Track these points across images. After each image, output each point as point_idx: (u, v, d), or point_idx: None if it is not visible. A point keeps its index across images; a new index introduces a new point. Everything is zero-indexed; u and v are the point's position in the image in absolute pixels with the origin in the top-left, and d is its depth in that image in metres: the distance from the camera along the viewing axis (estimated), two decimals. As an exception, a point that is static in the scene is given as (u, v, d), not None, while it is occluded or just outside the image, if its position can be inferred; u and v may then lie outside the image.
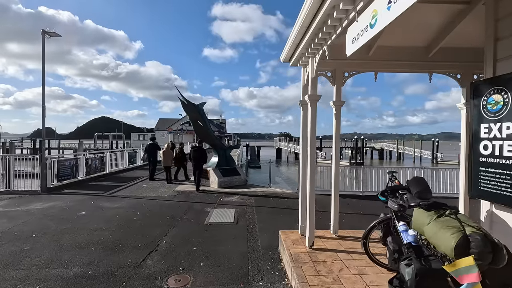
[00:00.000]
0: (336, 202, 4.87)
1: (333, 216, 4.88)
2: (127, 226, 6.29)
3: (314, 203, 4.24)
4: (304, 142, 4.70)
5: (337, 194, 4.89)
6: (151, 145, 13.70)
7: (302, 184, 4.84)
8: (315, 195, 4.25)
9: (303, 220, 4.84)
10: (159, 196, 9.71)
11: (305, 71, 4.64)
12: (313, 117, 4.08)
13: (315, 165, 4.14)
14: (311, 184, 4.16)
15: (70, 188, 10.97)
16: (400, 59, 4.66)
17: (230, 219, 7.03)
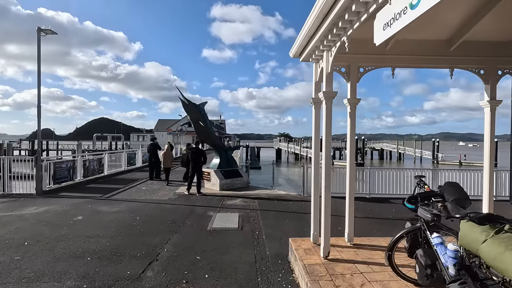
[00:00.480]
0: (351, 207, 4.53)
1: (348, 222, 4.54)
2: (126, 233, 5.93)
3: (329, 209, 3.90)
4: (316, 142, 4.37)
5: (352, 199, 4.55)
6: (152, 145, 13.82)
7: (315, 187, 4.50)
8: (330, 200, 3.90)
9: (316, 227, 4.50)
10: (159, 199, 9.35)
11: (317, 66, 4.30)
12: (329, 116, 3.74)
13: (330, 168, 3.79)
14: (327, 188, 3.81)
15: (67, 191, 10.60)
16: (420, 53, 4.33)
17: (234, 224, 6.67)
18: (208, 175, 11.50)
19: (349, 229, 4.51)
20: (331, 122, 3.77)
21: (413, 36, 4.25)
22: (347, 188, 4.56)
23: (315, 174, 4.46)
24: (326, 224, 3.85)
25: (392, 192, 10.27)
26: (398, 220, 7.30)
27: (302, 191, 10.46)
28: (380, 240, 4.58)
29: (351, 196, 4.55)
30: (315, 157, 4.42)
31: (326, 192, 3.83)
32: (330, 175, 3.80)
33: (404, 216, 7.94)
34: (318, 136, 4.36)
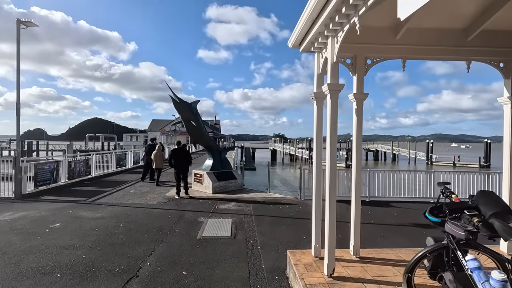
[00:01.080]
0: (357, 214, 4.05)
1: (354, 232, 4.05)
2: (106, 243, 5.35)
3: (335, 218, 3.39)
4: (319, 141, 3.87)
5: (359, 204, 4.06)
6: (151, 146, 13.29)
7: (317, 193, 3.99)
8: (336, 208, 3.40)
9: (318, 239, 4.00)
10: (146, 204, 8.76)
11: (320, 56, 3.81)
12: (334, 112, 3.24)
13: (336, 171, 3.30)
14: (332, 194, 3.31)
15: (49, 194, 9.94)
16: (434, 43, 3.87)
17: (227, 231, 6.14)
18: (200, 177, 10.94)
19: (355, 240, 4.02)
20: (337, 119, 3.27)
21: (426, 24, 3.79)
22: (353, 193, 4.07)
23: (316, 177, 3.96)
24: (331, 237, 3.35)
25: (392, 195, 9.85)
26: (402, 226, 6.85)
27: (299, 194, 9.97)
28: (389, 252, 4.09)
29: (357, 201, 4.06)
30: (317, 158, 3.93)
31: (331, 198, 3.33)
32: (335, 179, 3.30)
33: (407, 221, 7.53)
34: (320, 135, 3.87)
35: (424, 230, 6.58)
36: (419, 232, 6.40)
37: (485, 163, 45.26)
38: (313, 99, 3.89)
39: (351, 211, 4.12)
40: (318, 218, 4.02)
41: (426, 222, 7.32)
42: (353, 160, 4.05)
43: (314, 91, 3.84)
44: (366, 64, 3.90)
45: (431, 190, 9.82)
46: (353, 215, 4.07)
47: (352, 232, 4.07)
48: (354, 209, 4.05)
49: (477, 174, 10.24)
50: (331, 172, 3.27)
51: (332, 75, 3.19)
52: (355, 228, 4.03)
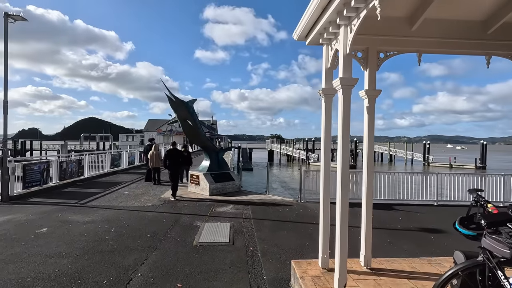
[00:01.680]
0: (369, 221, 3.72)
1: (365, 240, 3.72)
2: (95, 250, 4.97)
3: (347, 226, 3.06)
4: (327, 141, 3.54)
5: (370, 210, 3.73)
6: (150, 146, 13.27)
7: (324, 197, 3.66)
8: (348, 215, 3.07)
9: (326, 249, 3.66)
10: (141, 206, 8.38)
11: (329, 49, 3.48)
12: (347, 109, 2.91)
13: (348, 175, 2.97)
14: (344, 199, 2.98)
15: (38, 196, 9.52)
16: (451, 36, 3.56)
17: (225, 237, 5.79)
18: (197, 178, 10.57)
19: (366, 249, 3.69)
20: (350, 117, 2.94)
21: (444, 14, 3.49)
22: (364, 196, 3.74)
23: (325, 179, 3.62)
24: (342, 247, 3.01)
25: (395, 197, 9.57)
26: (408, 231, 6.55)
27: (299, 196, 9.65)
28: (401, 263, 3.77)
29: (368, 206, 3.72)
30: (325, 159, 3.60)
31: (343, 203, 2.99)
32: (348, 182, 2.97)
33: (413, 225, 7.17)
34: (329, 134, 3.54)
35: (432, 235, 6.29)
36: (427, 238, 6.11)
37: (481, 164, 45.40)
38: (321, 96, 3.56)
39: (362, 217, 3.79)
40: (326, 225, 3.69)
41: (432, 227, 7.03)
42: (364, 162, 3.72)
43: (322, 87, 3.51)
44: (379, 58, 3.59)
45: (434, 192, 9.55)
46: (364, 221, 3.74)
47: (363, 240, 3.74)
48: (365, 214, 3.72)
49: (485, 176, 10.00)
50: (344, 174, 2.94)
51: (345, 68, 2.86)
52: (366, 236, 3.71)
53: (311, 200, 9.42)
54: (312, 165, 45.92)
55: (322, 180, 3.65)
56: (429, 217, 8.01)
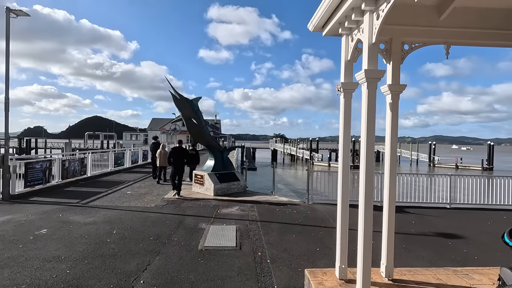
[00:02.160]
0: (391, 226, 3.40)
1: (387, 248, 3.41)
2: (95, 254, 4.72)
3: (371, 234, 2.77)
4: (346, 140, 3.24)
5: (393, 215, 3.42)
6: (154, 144, 13.55)
7: (343, 200, 3.37)
8: (372, 220, 2.77)
9: (344, 257, 3.37)
10: (144, 207, 8.14)
11: (349, 40, 3.18)
12: (372, 105, 2.61)
13: (373, 176, 2.68)
14: (367, 205, 2.69)
15: (40, 196, 9.33)
16: (484, 26, 3.24)
17: (231, 241, 5.52)
18: (201, 178, 10.31)
19: (388, 258, 3.39)
20: (375, 114, 2.65)
21: (476, 3, 3.17)
22: (386, 199, 3.43)
23: (343, 181, 3.32)
24: (366, 257, 2.71)
25: (406, 199, 9.23)
26: (424, 236, 6.21)
27: (306, 198, 9.35)
28: (425, 273, 3.47)
29: (391, 210, 3.40)
30: (344, 159, 3.30)
31: (367, 207, 2.70)
32: (372, 183, 2.68)
33: (428, 230, 6.71)
34: (348, 133, 3.26)
35: (449, 241, 5.97)
36: (445, 244, 5.78)
37: (488, 165, 44.71)
38: (339, 92, 3.27)
39: (383, 222, 3.48)
40: (345, 231, 3.39)
41: (449, 232, 6.69)
42: (386, 162, 3.41)
43: (342, 81, 3.20)
44: (403, 50, 3.28)
45: (446, 194, 9.20)
46: (386, 227, 3.43)
47: (384, 248, 3.44)
48: (387, 219, 3.41)
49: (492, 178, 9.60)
50: (368, 175, 2.65)
51: (370, 59, 2.56)
52: (388, 244, 3.40)
53: (319, 202, 9.13)
54: (316, 165, 45.55)
55: (340, 182, 3.36)
56: (443, 221, 7.67)
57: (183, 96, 9.95)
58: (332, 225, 6.80)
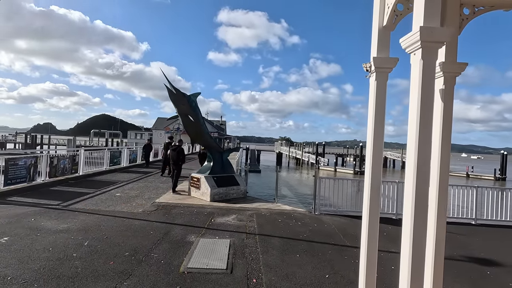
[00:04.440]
0: (439, 249, 2.42)
1: (432, 279, 2.42)
2: (51, 274, 3.82)
3: (423, 263, 1.80)
4: (378, 136, 2.29)
5: (442, 233, 2.44)
6: (167, 144, 14.25)
7: (371, 214, 2.41)
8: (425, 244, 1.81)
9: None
10: (130, 212, 7.25)
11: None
12: (428, 85, 1.66)
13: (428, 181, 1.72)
14: (420, 220, 1.72)
15: (21, 195, 8.52)
16: None
17: (222, 261, 4.57)
18: (197, 181, 9.41)
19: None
20: (433, 100, 1.69)
21: None
22: (434, 212, 2.46)
23: (372, 192, 2.36)
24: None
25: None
26: (453, 261, 5.16)
27: (312, 207, 8.37)
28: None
29: (440, 227, 2.43)
30: (374, 161, 2.35)
31: (419, 225, 1.74)
32: (427, 193, 1.72)
33: (456, 253, 5.16)
34: (381, 126, 2.33)
35: (487, 269, 4.92)
36: (482, 273, 4.74)
37: (500, 175, 43.01)
38: (369, 72, 2.32)
39: (428, 243, 2.49)
40: (373, 256, 2.41)
41: (482, 256, 5.53)
42: (434, 168, 2.43)
43: (374, 56, 2.26)
44: (462, 14, 2.32)
45: (472, 209, 8.11)
46: (432, 250, 2.45)
47: (429, 279, 2.44)
48: (433, 238, 2.42)
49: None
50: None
51: (428, 11, 1.61)
52: (434, 274, 2.42)
53: (326, 213, 8.13)
54: (322, 169, 44.33)
55: (368, 193, 2.40)
56: (472, 240, 6.61)
57: (180, 90, 9.07)
58: (342, 243, 5.82)
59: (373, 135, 2.33)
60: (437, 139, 2.31)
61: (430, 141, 1.73)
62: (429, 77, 1.66)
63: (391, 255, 5.14)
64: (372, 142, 2.35)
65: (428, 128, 1.69)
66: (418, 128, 1.67)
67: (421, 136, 1.68)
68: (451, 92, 2.29)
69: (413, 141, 1.73)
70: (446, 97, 2.29)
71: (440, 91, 2.30)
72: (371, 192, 2.44)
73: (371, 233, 2.50)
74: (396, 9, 2.19)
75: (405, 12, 2.21)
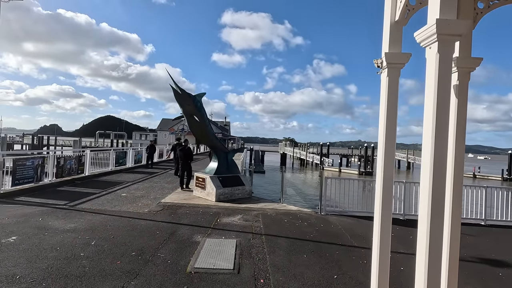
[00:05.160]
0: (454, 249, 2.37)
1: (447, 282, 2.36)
2: (59, 273, 3.83)
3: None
4: (390, 134, 2.25)
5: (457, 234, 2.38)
6: (176, 145, 15.32)
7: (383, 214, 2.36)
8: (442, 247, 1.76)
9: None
10: (135, 212, 7.26)
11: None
12: (445, 81, 1.62)
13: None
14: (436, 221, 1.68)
15: (28, 195, 8.59)
16: None
17: (229, 261, 4.54)
18: (202, 181, 9.40)
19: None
20: (450, 96, 1.64)
21: None
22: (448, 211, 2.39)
23: (384, 193, 2.31)
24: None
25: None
26: (465, 262, 5.05)
27: (318, 207, 8.31)
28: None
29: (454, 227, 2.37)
30: (386, 160, 2.30)
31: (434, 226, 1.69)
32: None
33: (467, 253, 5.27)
34: (393, 124, 2.28)
35: (498, 270, 4.83)
36: (494, 275, 4.65)
37: (508, 175, 42.44)
38: (380, 67, 2.27)
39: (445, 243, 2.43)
40: (385, 257, 2.36)
41: (493, 257, 5.39)
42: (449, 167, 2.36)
43: (385, 52, 2.21)
44: (477, 8, 2.26)
45: (482, 209, 7.98)
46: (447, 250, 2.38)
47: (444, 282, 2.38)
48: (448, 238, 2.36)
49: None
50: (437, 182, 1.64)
51: (444, 5, 1.56)
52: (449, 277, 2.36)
53: (333, 213, 8.07)
54: (327, 170, 44.13)
55: (380, 193, 2.35)
56: (482, 241, 6.49)
57: (185, 91, 9.08)
58: (350, 243, 5.75)
59: (385, 133, 2.29)
60: (452, 138, 2.26)
61: (446, 139, 1.68)
62: (445, 72, 1.61)
63: (400, 256, 5.07)
64: (384, 140, 2.30)
65: (445, 125, 1.64)
66: (434, 125, 1.62)
67: (437, 134, 1.63)
68: (465, 88, 2.23)
69: (429, 139, 1.68)
70: (461, 93, 2.23)
71: (454, 87, 2.25)
72: (383, 192, 2.40)
73: (383, 235, 2.45)
74: (408, 4, 2.15)
75: (417, 6, 2.16)
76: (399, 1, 2.15)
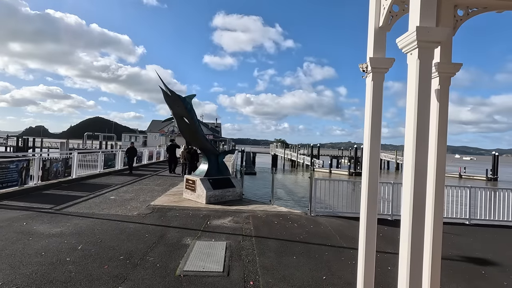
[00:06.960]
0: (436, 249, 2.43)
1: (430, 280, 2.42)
2: (44, 280, 3.74)
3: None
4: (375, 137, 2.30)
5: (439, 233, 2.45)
6: (171, 146, 17.40)
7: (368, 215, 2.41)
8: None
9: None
10: (124, 215, 7.16)
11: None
12: (425, 85, 1.67)
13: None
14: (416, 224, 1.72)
15: (12, 199, 8.35)
16: None
17: (218, 263, 4.53)
18: (193, 184, 9.35)
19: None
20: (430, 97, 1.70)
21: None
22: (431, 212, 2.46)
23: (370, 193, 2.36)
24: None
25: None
26: (449, 261, 5.19)
27: (308, 209, 8.37)
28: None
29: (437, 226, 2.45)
30: (371, 161, 2.36)
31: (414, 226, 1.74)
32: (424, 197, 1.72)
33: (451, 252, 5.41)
34: (377, 128, 2.34)
35: (482, 269, 4.97)
36: (478, 273, 4.78)
37: (492, 175, 43.73)
38: (365, 72, 2.33)
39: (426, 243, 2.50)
40: (371, 258, 2.41)
41: (477, 255, 5.59)
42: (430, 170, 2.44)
43: (370, 57, 2.27)
44: (456, 16, 2.35)
45: (466, 209, 8.19)
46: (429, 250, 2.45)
47: (426, 280, 2.45)
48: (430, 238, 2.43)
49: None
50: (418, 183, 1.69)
51: (425, 11, 1.62)
52: (432, 274, 2.42)
53: (322, 214, 8.15)
54: (317, 171, 44.46)
55: (365, 194, 2.40)
56: (466, 240, 6.67)
57: (175, 92, 9.03)
58: (339, 244, 5.82)
59: (370, 136, 2.34)
60: (433, 140, 2.33)
61: (427, 141, 1.73)
62: (425, 77, 1.67)
63: (387, 256, 5.16)
64: (369, 142, 2.36)
65: (425, 127, 1.69)
66: (415, 128, 1.68)
67: (418, 136, 1.69)
68: (446, 92, 2.31)
69: (410, 142, 1.74)
70: (442, 97, 2.31)
71: (436, 92, 2.33)
72: (368, 193, 2.45)
73: (369, 234, 2.50)
74: (391, 10, 2.21)
75: (400, 13, 2.23)
76: (382, 7, 2.22)
